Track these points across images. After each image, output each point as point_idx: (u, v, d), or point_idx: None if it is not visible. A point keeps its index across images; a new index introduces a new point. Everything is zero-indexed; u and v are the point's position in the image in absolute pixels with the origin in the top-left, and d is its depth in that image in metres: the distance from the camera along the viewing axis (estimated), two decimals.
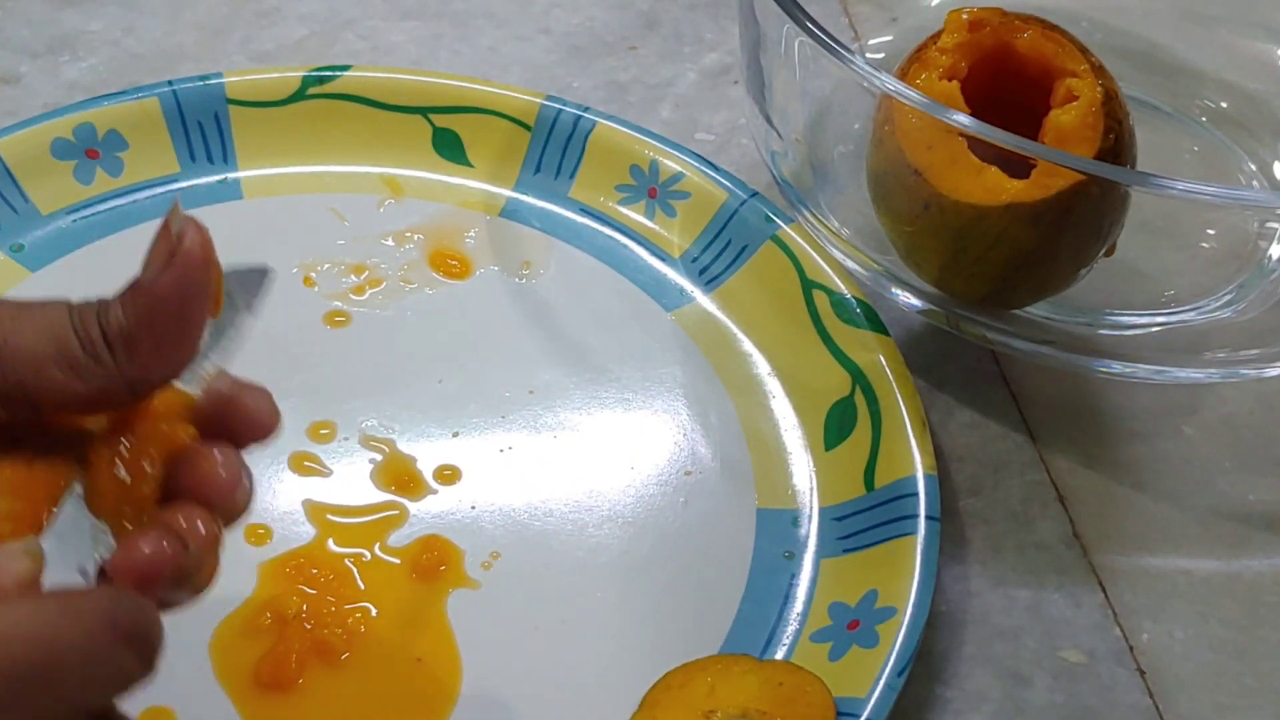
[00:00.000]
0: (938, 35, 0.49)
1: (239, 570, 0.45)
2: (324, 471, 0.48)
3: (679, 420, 0.51)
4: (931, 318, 0.51)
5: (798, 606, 0.46)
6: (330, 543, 0.46)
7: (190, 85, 0.56)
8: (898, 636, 0.43)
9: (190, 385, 0.34)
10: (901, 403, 0.49)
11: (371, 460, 0.49)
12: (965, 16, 0.49)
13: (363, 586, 0.45)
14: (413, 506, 0.48)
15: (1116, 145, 0.47)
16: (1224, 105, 0.61)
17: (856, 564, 0.46)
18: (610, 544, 0.47)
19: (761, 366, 0.53)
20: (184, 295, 0.32)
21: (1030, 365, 0.53)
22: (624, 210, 0.57)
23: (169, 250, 0.32)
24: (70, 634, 0.28)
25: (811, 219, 0.52)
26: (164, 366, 0.33)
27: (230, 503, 0.33)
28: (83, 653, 0.29)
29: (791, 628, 0.45)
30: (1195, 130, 0.61)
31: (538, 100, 0.57)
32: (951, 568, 0.48)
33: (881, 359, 0.50)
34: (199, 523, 0.32)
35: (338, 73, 0.58)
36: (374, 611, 0.45)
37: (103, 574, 0.31)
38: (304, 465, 0.48)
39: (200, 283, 0.32)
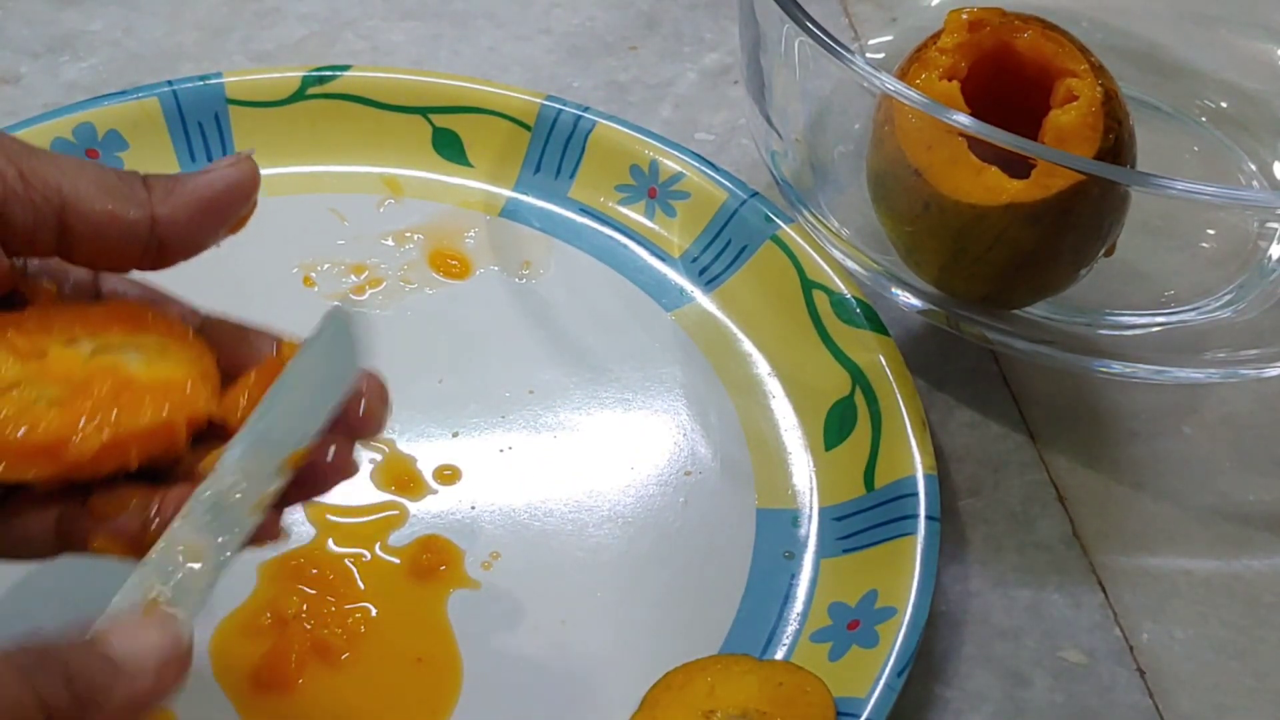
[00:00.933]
0: (938, 35, 0.49)
1: (238, 570, 0.44)
2: None
3: (679, 420, 0.51)
4: (931, 318, 0.51)
5: (798, 606, 0.46)
6: (330, 543, 0.46)
7: (190, 85, 0.56)
8: (898, 636, 0.43)
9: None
10: (901, 403, 0.49)
11: (371, 460, 0.49)
12: (965, 16, 0.49)
13: (363, 586, 0.45)
14: (413, 506, 0.48)
15: (1116, 145, 0.47)
16: (1224, 105, 0.61)
17: (856, 564, 0.46)
18: (610, 544, 0.47)
19: (761, 366, 0.52)
20: (230, 184, 0.36)
21: (1030, 365, 0.53)
22: (624, 210, 0.57)
23: (235, 157, 0.36)
24: None
25: (811, 219, 0.52)
26: (190, 226, 0.35)
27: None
28: None
29: (791, 628, 0.45)
30: (1195, 130, 0.61)
31: (538, 100, 0.57)
32: (951, 568, 0.48)
33: (881, 359, 0.50)
34: None
35: (337, 73, 0.57)
36: (374, 611, 0.45)
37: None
38: None
39: (247, 184, 0.36)
